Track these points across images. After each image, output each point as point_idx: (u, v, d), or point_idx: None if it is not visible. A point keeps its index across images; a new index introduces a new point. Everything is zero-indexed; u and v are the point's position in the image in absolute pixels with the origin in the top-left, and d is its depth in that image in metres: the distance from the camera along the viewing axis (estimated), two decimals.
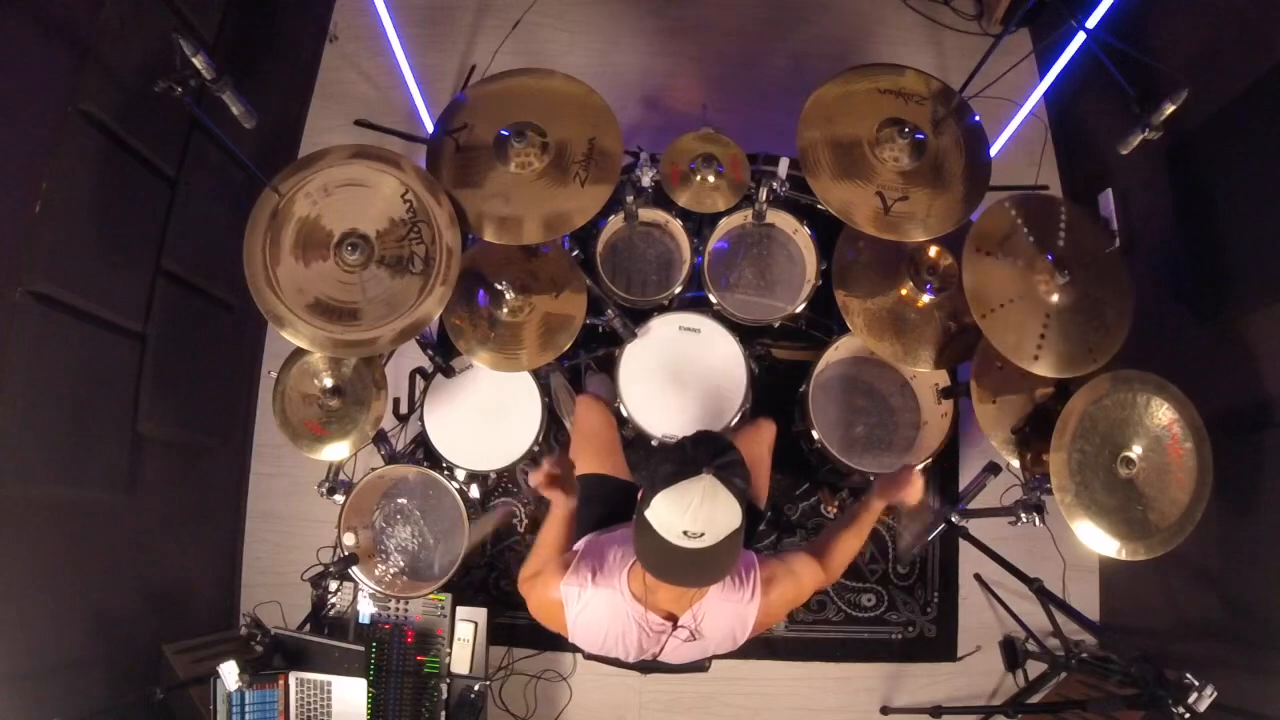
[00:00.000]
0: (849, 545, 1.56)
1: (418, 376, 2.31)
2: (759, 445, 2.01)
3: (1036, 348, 1.82)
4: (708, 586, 1.33)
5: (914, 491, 1.55)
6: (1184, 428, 1.79)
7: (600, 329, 2.23)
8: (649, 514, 1.19)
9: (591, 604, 1.40)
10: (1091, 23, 2.17)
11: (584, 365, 2.55)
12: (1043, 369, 1.82)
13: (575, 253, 2.27)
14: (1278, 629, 1.90)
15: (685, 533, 1.16)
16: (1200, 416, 1.79)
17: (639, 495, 1.24)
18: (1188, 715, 1.63)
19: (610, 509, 1.79)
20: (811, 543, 1.60)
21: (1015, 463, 2.03)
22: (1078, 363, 1.83)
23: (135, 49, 2.00)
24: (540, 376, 2.26)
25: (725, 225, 2.33)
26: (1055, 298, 1.84)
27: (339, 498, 2.16)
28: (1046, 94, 2.75)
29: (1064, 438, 1.75)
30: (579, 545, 1.53)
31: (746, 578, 1.42)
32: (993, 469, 2.28)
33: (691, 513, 1.16)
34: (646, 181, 2.19)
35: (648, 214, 2.33)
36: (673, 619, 1.38)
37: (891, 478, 1.58)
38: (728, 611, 1.40)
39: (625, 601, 1.36)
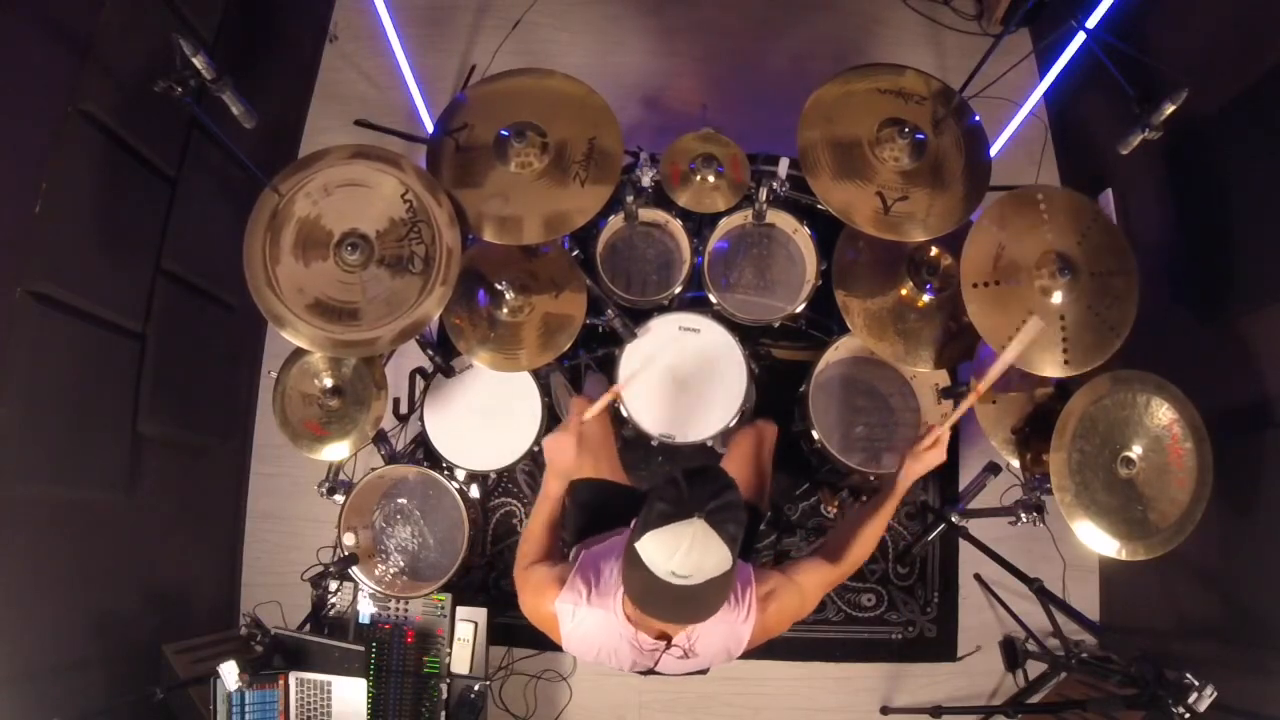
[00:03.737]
0: (871, 532, 1.50)
1: (418, 376, 2.31)
2: (760, 447, 2.01)
3: (1064, 353, 1.80)
4: (693, 624, 1.31)
5: (942, 452, 1.50)
6: (1184, 428, 1.78)
7: (600, 329, 2.23)
8: (639, 546, 1.18)
9: (585, 622, 1.39)
10: (1091, 23, 2.16)
11: (584, 365, 2.55)
12: (1077, 368, 1.79)
13: (575, 253, 2.27)
14: (1278, 629, 1.90)
15: (673, 573, 1.15)
16: (1200, 416, 1.79)
17: (632, 524, 1.22)
18: (1188, 715, 1.63)
19: (606, 513, 1.79)
20: (825, 541, 1.57)
21: (1015, 463, 2.03)
22: (1104, 346, 1.81)
23: (135, 49, 2.00)
24: (540, 376, 2.26)
25: (725, 225, 2.33)
26: (1061, 297, 1.81)
27: (339, 498, 2.17)
28: (1046, 94, 2.74)
29: (1064, 438, 1.75)
30: (577, 555, 1.53)
31: (742, 596, 1.39)
32: (993, 469, 2.28)
33: (680, 556, 1.14)
34: (646, 181, 2.19)
35: (648, 214, 2.33)
36: (666, 639, 1.37)
37: (917, 450, 1.50)
38: (722, 631, 1.39)
39: (618, 622, 1.35)
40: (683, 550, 1.14)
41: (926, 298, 2.11)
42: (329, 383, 2.07)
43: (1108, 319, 1.82)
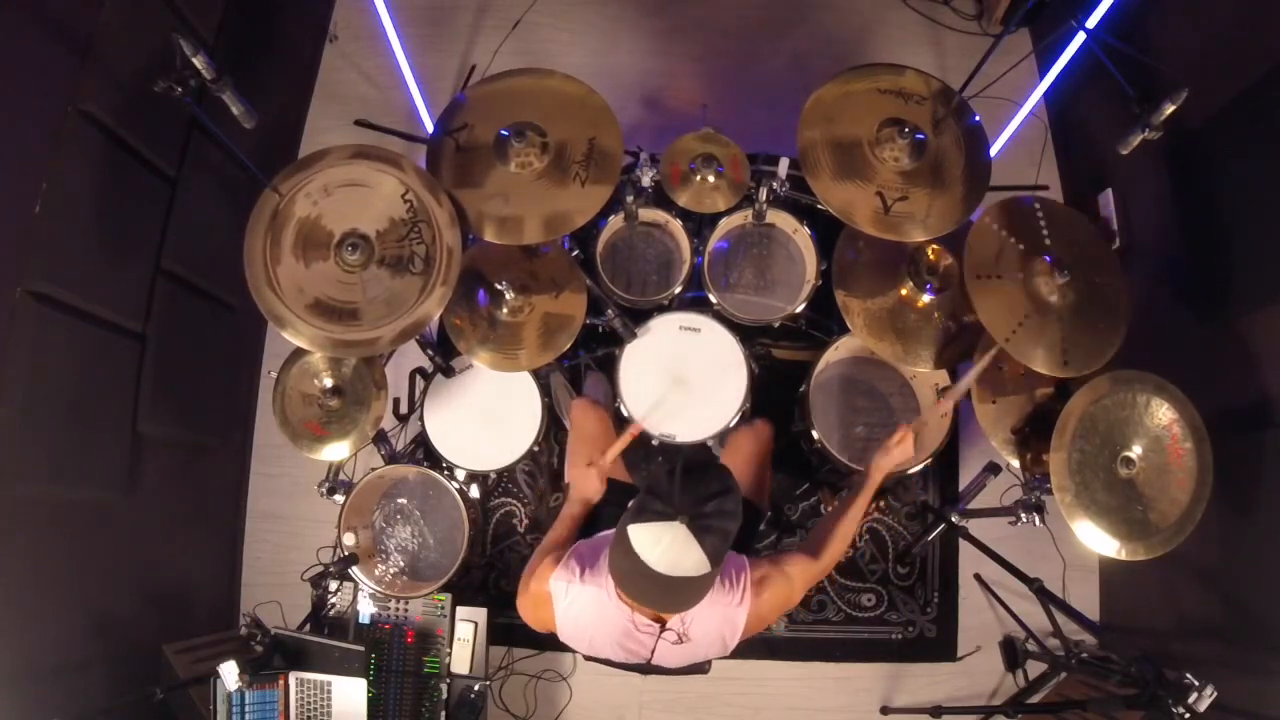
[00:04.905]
0: (845, 527, 1.57)
1: (418, 376, 2.31)
2: (758, 446, 2.01)
3: (1063, 353, 1.81)
4: (672, 613, 1.34)
5: (908, 448, 1.66)
6: (1184, 428, 1.79)
7: (600, 329, 2.23)
8: (627, 530, 1.20)
9: (578, 601, 1.40)
10: (1091, 23, 2.16)
11: (584, 365, 2.55)
12: (1076, 369, 1.80)
13: (575, 253, 2.27)
14: (1278, 629, 1.90)
15: (650, 566, 1.18)
16: (1200, 416, 1.79)
17: (629, 505, 1.25)
18: (1188, 715, 1.63)
19: (608, 511, 1.79)
20: (805, 540, 1.61)
21: (1015, 463, 2.03)
22: (1101, 350, 1.83)
23: (135, 49, 2.00)
24: (540, 376, 2.26)
25: (725, 225, 2.33)
26: (1057, 298, 1.84)
27: (339, 498, 2.17)
28: (1046, 94, 2.75)
29: (1064, 438, 1.75)
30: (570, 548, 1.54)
31: (737, 581, 1.41)
32: (993, 469, 2.28)
33: (659, 553, 1.16)
34: (646, 181, 2.20)
35: (648, 214, 2.33)
36: (660, 621, 1.38)
37: (888, 445, 1.66)
38: (716, 615, 1.40)
39: (611, 601, 1.36)
40: (662, 548, 1.16)
41: (926, 298, 2.11)
42: (329, 383, 2.07)
43: (1103, 327, 1.84)
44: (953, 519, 2.38)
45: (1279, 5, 1.93)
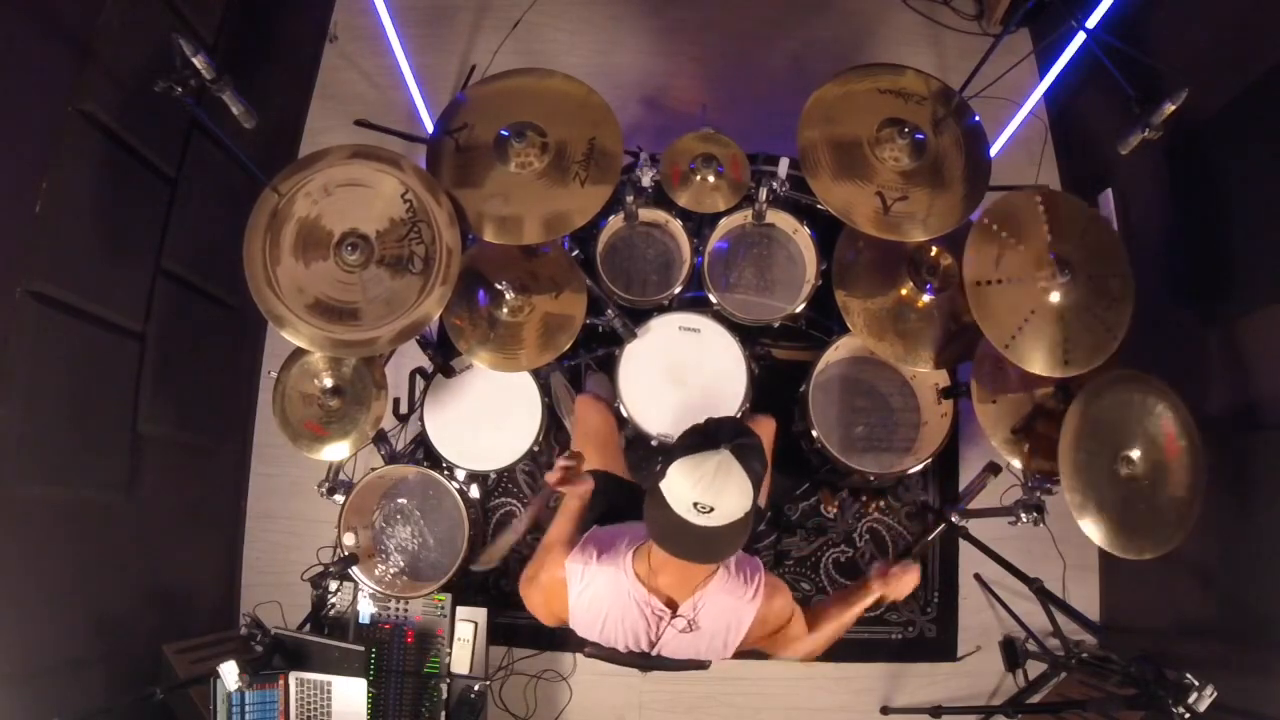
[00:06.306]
0: (836, 618, 1.55)
1: (418, 376, 2.31)
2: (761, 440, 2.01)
3: (1065, 353, 1.81)
4: (710, 564, 1.35)
5: (910, 584, 1.54)
6: (1182, 427, 1.78)
7: (600, 329, 2.23)
8: (663, 484, 1.21)
9: (595, 583, 1.41)
10: (1091, 23, 2.17)
11: (584, 365, 2.55)
12: (1078, 368, 1.80)
13: (575, 253, 2.27)
14: (1278, 629, 1.90)
15: (696, 504, 1.17)
16: (1199, 416, 1.79)
17: (657, 467, 1.26)
18: (1188, 715, 1.63)
19: (611, 505, 1.80)
20: (809, 605, 1.61)
21: (1015, 463, 2.03)
22: (1103, 347, 1.82)
23: (135, 49, 2.00)
24: (540, 376, 2.26)
25: (725, 225, 2.34)
26: (1059, 296, 1.83)
27: (339, 498, 2.17)
28: (1046, 94, 2.75)
29: (1069, 438, 1.75)
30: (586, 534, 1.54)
31: (751, 578, 1.43)
32: (993, 469, 2.28)
33: (704, 485, 1.17)
34: (646, 181, 2.20)
35: (648, 214, 2.33)
36: (673, 605, 1.39)
37: (889, 570, 1.55)
38: (727, 606, 1.41)
39: (628, 581, 1.38)
40: (707, 478, 1.17)
41: (926, 298, 2.11)
42: (329, 383, 2.07)
43: (1105, 320, 1.83)
44: (953, 519, 2.38)
45: (1279, 5, 1.93)
